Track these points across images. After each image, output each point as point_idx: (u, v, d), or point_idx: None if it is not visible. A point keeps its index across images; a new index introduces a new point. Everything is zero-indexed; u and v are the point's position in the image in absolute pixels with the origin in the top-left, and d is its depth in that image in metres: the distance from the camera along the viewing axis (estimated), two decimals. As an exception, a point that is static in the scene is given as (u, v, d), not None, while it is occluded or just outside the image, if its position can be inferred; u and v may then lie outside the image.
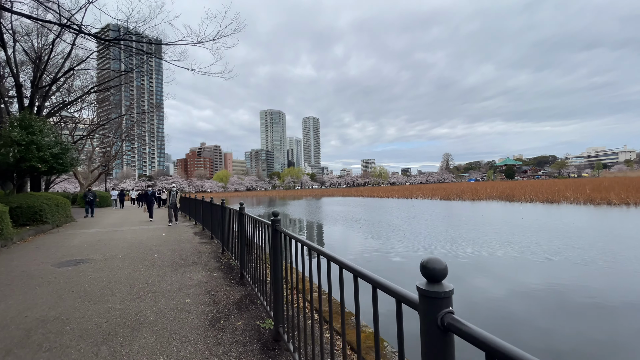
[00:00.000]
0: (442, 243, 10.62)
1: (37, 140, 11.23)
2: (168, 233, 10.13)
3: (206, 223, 9.79)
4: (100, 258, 6.68)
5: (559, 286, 6.29)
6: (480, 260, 8.37)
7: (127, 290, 4.49)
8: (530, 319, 4.93)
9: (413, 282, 0.98)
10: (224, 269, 5.57)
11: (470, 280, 6.86)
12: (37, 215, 11.33)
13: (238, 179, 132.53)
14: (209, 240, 8.72)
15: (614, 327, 4.65)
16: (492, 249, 9.55)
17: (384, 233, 12.93)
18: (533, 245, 9.85)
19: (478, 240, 10.90)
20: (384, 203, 31.69)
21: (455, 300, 0.95)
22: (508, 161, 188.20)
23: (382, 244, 10.89)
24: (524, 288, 6.30)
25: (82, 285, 4.75)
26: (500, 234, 11.76)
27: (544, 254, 8.65)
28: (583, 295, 5.85)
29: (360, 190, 71.01)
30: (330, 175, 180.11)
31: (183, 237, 9.34)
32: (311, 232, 15.20)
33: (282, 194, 79.07)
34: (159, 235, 9.62)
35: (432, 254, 1.22)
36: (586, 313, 5.12)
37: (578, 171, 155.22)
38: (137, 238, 9.21)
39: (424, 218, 17.95)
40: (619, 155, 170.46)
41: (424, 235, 12.18)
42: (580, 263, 7.74)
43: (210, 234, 8.94)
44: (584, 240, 10.33)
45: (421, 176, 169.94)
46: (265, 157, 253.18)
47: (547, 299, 5.72)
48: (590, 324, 4.77)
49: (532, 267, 7.61)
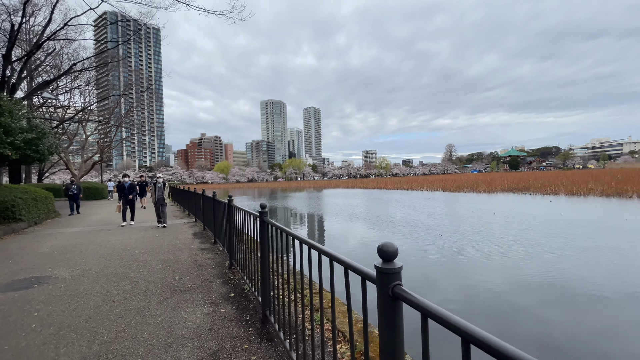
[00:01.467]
0: (499, 248, 8.78)
1: (6, 123, 9.41)
2: (162, 234, 8.42)
3: (208, 222, 8.07)
4: (66, 275, 4.96)
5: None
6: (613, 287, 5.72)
7: (83, 348, 2.77)
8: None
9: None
10: (235, 300, 3.84)
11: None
12: (9, 211, 9.61)
13: (239, 170, 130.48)
14: (211, 245, 7.00)
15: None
16: (591, 261, 7.41)
17: (418, 234, 10.97)
18: (626, 252, 8.10)
19: (550, 245, 8.70)
20: (395, 196, 29.92)
21: None
22: (512, 152, 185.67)
23: (431, 249, 9.12)
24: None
25: (14, 335, 3.03)
26: (569, 236, 9.75)
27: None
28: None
29: (365, 182, 69.07)
30: (332, 166, 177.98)
31: (179, 240, 7.62)
32: (337, 238, 11.46)
33: (284, 186, 77.21)
34: (151, 238, 7.91)
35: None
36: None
37: (583, 162, 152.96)
38: (124, 242, 7.49)
39: (449, 213, 16.19)
40: (623, 147, 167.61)
41: (466, 235, 10.44)
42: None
43: (213, 236, 7.21)
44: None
45: (424, 167, 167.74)
46: (266, 148, 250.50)
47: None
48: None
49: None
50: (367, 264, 1.30)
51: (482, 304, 5.21)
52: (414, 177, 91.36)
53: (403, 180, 66.88)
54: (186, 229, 9.41)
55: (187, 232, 8.85)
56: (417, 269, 7.18)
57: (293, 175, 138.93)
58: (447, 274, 6.82)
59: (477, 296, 5.53)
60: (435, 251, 8.61)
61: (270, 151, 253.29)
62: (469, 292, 5.74)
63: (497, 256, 7.87)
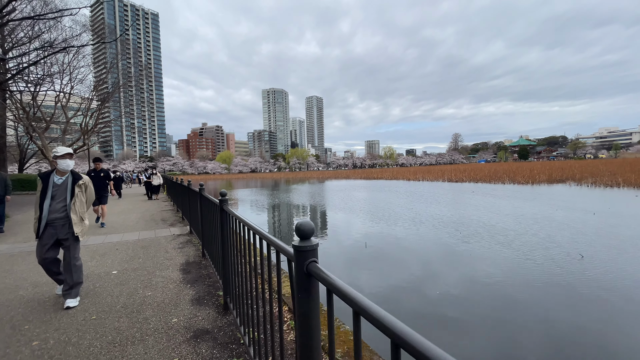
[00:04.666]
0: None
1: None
2: (122, 264, 4.87)
3: (206, 240, 4.52)
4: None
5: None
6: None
7: None
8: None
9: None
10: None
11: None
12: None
13: (242, 160, 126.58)
14: (216, 306, 3.41)
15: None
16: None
17: (552, 255, 6.91)
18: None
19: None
20: (429, 189, 26.10)
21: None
22: (521, 141, 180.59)
23: (594, 283, 5.47)
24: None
25: None
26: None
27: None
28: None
29: (375, 172, 64.94)
30: (335, 156, 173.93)
31: (154, 281, 4.06)
32: (412, 263, 7.59)
33: (289, 176, 73.22)
34: (106, 274, 4.36)
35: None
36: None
37: (595, 152, 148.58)
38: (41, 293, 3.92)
39: (548, 217, 12.40)
40: (632, 136, 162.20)
41: (613, 253, 6.78)
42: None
43: (219, 280, 3.65)
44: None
45: (430, 157, 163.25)
46: (269, 138, 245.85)
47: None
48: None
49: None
50: None
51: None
52: (428, 167, 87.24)
53: (417, 170, 62.85)
54: (171, 249, 5.82)
55: (171, 258, 5.26)
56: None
57: (297, 166, 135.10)
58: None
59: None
60: (608, 285, 4.98)
61: (272, 141, 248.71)
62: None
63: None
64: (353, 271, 6.39)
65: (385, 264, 6.80)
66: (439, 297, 4.91)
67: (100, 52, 50.80)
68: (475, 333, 3.94)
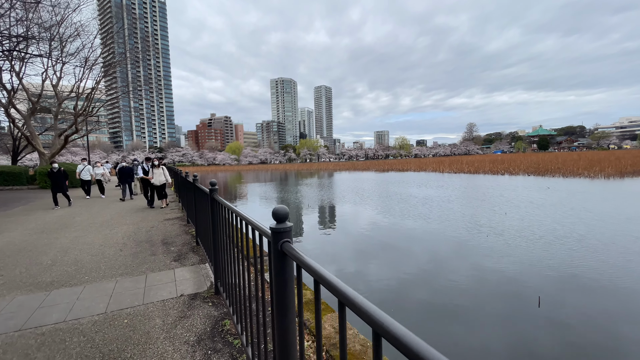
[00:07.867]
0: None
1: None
2: None
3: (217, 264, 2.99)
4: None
5: None
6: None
7: None
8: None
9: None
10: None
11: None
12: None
13: (251, 151, 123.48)
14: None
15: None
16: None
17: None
18: None
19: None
20: (481, 182, 22.50)
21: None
22: (541, 131, 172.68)
23: None
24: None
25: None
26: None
27: None
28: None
29: (394, 164, 60.80)
30: (344, 147, 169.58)
31: None
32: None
33: (301, 168, 69.66)
34: None
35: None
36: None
37: (619, 142, 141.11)
38: None
39: None
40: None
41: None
42: None
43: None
44: None
45: (445, 148, 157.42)
46: (277, 129, 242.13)
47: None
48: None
49: None
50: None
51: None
52: (452, 158, 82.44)
53: (441, 161, 58.59)
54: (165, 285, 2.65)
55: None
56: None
57: (307, 157, 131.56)
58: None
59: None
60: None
61: (281, 132, 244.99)
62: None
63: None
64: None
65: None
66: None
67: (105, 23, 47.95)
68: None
